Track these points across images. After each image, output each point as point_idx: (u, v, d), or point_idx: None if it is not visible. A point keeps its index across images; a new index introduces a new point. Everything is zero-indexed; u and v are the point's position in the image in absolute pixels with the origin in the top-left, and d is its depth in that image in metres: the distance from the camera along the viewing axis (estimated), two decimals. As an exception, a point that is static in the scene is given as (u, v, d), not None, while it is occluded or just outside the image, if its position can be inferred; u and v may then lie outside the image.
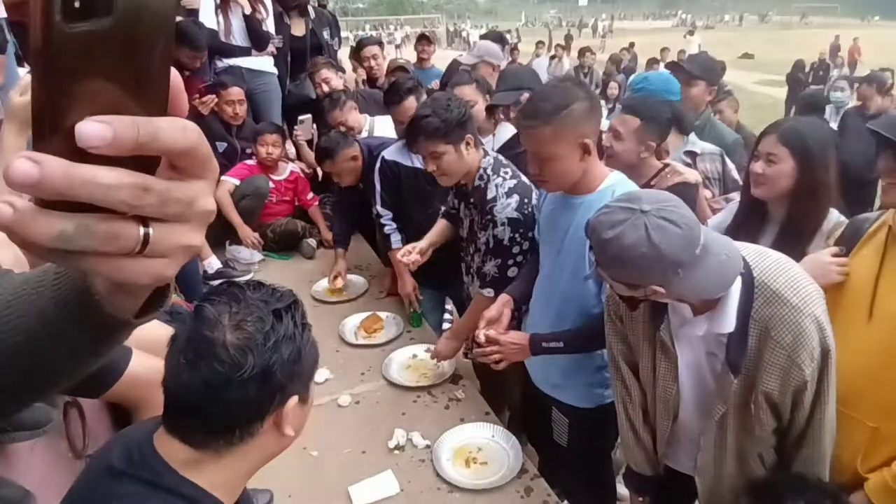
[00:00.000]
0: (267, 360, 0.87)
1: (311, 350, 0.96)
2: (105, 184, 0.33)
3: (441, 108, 2.05)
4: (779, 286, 1.27)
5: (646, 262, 1.19)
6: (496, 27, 37.18)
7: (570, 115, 1.58)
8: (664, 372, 1.50)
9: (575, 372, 1.90)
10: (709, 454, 1.50)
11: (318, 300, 3.03)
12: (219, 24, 3.86)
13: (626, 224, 1.20)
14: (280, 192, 3.66)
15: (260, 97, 4.12)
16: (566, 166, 1.65)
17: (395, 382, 2.30)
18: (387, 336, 2.64)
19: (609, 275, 1.31)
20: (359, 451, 1.97)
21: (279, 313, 0.91)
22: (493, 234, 2.07)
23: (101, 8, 0.31)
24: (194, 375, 0.87)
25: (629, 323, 1.55)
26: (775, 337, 1.26)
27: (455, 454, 1.92)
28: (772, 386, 1.29)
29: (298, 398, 0.94)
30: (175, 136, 0.35)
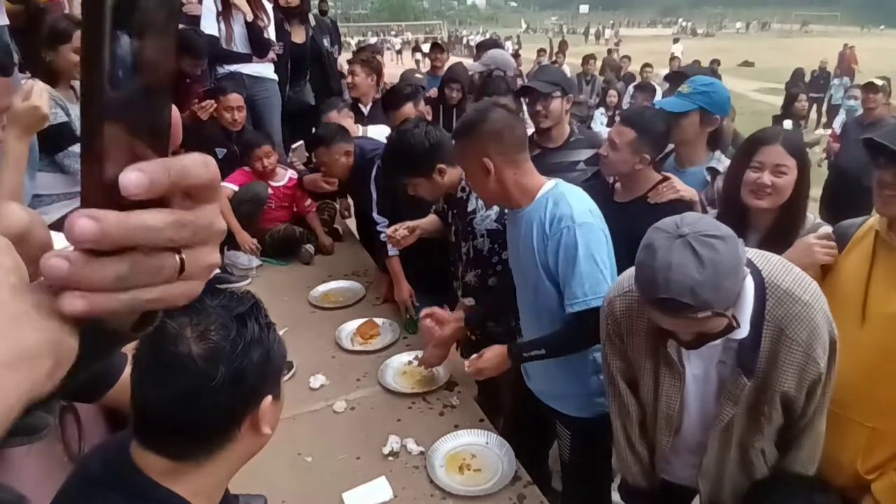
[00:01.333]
0: (238, 367, 0.87)
1: (279, 348, 0.96)
2: (153, 226, 0.37)
3: (405, 146, 2.15)
4: (788, 285, 1.29)
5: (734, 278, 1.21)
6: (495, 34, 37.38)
7: (472, 134, 1.70)
8: (668, 388, 1.50)
9: (573, 384, 1.92)
10: (712, 457, 1.51)
11: (314, 306, 3.04)
12: (220, 30, 3.89)
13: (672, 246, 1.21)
14: (279, 198, 3.67)
15: (260, 103, 4.15)
16: (476, 181, 1.78)
17: (391, 388, 2.31)
18: (383, 342, 2.65)
19: (717, 305, 1.21)
20: (353, 458, 1.97)
21: (242, 318, 0.90)
22: (472, 245, 2.14)
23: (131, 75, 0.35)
24: (164, 392, 0.86)
25: (630, 340, 1.54)
26: (790, 335, 1.27)
27: (449, 461, 1.93)
28: (789, 385, 1.31)
29: (272, 397, 0.93)
30: (200, 172, 0.39)
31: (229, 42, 3.96)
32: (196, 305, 0.88)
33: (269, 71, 4.18)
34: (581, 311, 1.70)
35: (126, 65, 0.35)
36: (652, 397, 1.56)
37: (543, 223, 1.71)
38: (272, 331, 0.95)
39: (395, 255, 2.88)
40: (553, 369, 1.94)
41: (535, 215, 1.73)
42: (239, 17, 3.92)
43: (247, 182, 3.56)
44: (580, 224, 1.66)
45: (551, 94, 2.57)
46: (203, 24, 3.84)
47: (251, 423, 0.92)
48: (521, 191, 1.76)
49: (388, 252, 2.88)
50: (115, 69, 0.34)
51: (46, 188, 2.41)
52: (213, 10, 3.89)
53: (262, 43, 4.00)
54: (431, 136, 2.17)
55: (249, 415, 0.91)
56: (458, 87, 4.23)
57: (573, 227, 1.66)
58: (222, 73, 4.02)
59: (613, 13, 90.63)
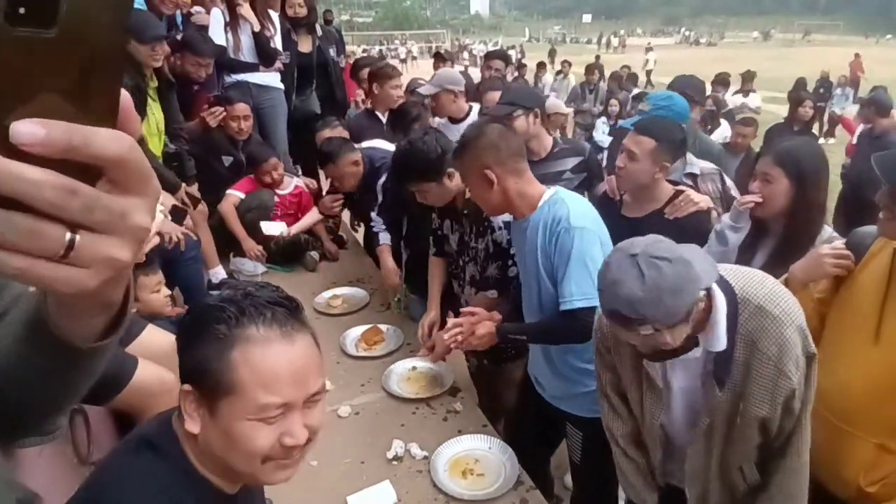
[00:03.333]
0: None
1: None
2: (31, 179, 0.34)
3: (418, 153, 2.22)
4: (760, 300, 1.32)
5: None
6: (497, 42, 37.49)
7: (471, 150, 1.80)
8: (650, 404, 1.53)
9: (579, 384, 1.96)
10: (697, 463, 1.52)
11: (320, 312, 3.06)
12: (228, 41, 3.95)
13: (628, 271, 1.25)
14: (284, 205, 3.71)
15: (266, 112, 4.20)
16: (478, 194, 1.88)
17: (395, 394, 2.33)
18: (387, 348, 2.67)
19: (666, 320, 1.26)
20: (357, 462, 2.00)
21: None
22: (491, 238, 2.23)
23: (44, 17, 0.33)
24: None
25: (617, 354, 1.58)
26: (762, 349, 1.30)
27: (452, 465, 1.95)
28: (762, 407, 1.33)
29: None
30: (107, 145, 0.36)
31: (237, 52, 4.01)
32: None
33: (275, 80, 4.23)
34: (567, 309, 1.77)
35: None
36: (640, 411, 1.60)
37: (546, 226, 1.79)
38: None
39: (384, 244, 2.99)
40: (562, 370, 1.98)
41: (539, 221, 1.82)
42: (246, 27, 3.97)
43: (253, 190, 3.61)
44: (576, 227, 1.74)
45: (511, 115, 2.61)
46: (211, 34, 3.89)
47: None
48: (523, 200, 1.84)
49: (378, 241, 2.97)
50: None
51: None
52: (221, 20, 3.95)
53: (269, 52, 4.06)
54: (441, 142, 2.26)
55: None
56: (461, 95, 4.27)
57: (570, 229, 1.74)
58: (229, 81, 4.07)
59: (616, 22, 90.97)
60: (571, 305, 1.75)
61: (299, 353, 0.92)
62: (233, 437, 0.89)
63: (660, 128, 2.13)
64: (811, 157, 1.88)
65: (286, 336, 0.91)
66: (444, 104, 3.47)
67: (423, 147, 2.21)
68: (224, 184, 3.62)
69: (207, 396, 0.90)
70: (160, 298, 2.30)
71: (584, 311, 1.74)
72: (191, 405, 0.92)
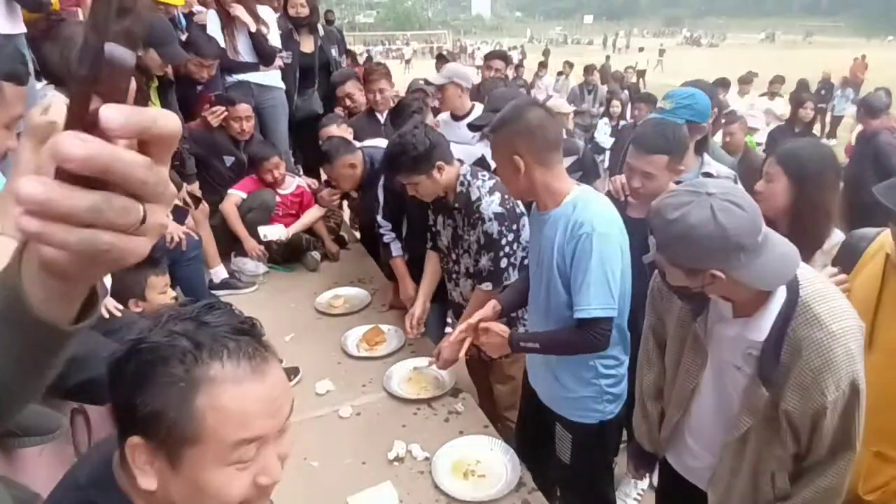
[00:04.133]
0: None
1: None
2: (131, 161, 0.38)
3: (408, 145, 2.25)
4: (821, 311, 1.27)
5: (711, 242, 1.21)
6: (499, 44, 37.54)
7: (504, 132, 1.75)
8: (689, 364, 1.53)
9: (573, 387, 1.94)
10: (726, 465, 1.51)
11: (321, 312, 3.06)
12: (225, 42, 3.94)
13: (692, 205, 1.23)
14: (286, 205, 3.71)
15: (267, 111, 4.19)
16: (505, 175, 1.84)
17: (396, 394, 2.33)
18: (388, 349, 2.67)
19: (670, 257, 1.30)
20: (359, 462, 1.99)
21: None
22: (483, 230, 2.25)
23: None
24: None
25: (668, 304, 1.57)
26: (805, 358, 1.26)
27: (454, 466, 1.94)
28: (792, 404, 1.31)
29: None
30: (167, 122, 0.40)
31: (234, 53, 4.01)
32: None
33: (276, 80, 4.23)
34: (582, 318, 1.73)
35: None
36: (673, 365, 1.59)
37: (567, 226, 1.74)
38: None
39: (398, 256, 2.95)
40: (556, 372, 1.96)
41: (560, 218, 1.77)
42: (243, 27, 3.96)
43: (255, 190, 3.61)
44: (599, 233, 1.68)
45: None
46: None
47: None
48: (548, 193, 1.79)
49: (392, 253, 2.93)
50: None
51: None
52: (217, 22, 3.93)
53: (267, 51, 4.05)
54: (430, 136, 2.29)
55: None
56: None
57: (592, 234, 1.68)
58: (231, 81, 4.07)
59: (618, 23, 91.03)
60: (589, 314, 1.71)
61: (271, 386, 0.80)
62: (202, 488, 0.77)
63: (664, 139, 2.08)
64: (814, 157, 1.86)
65: (257, 371, 0.78)
66: (449, 97, 3.49)
67: (413, 140, 2.25)
68: (226, 183, 3.62)
69: (166, 447, 0.76)
70: (166, 300, 2.33)
71: (600, 320, 1.72)
72: (142, 458, 0.77)
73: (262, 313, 3.04)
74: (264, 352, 0.81)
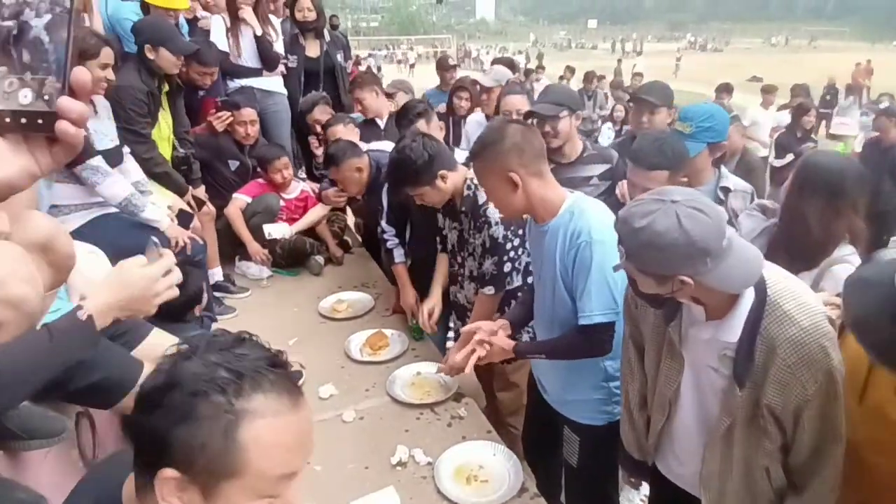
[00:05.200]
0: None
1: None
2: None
3: (407, 159, 2.26)
4: (790, 307, 1.30)
5: (677, 248, 1.22)
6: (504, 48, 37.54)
7: (493, 152, 1.75)
8: (667, 370, 1.54)
9: (585, 389, 1.95)
10: (714, 466, 1.51)
11: (324, 317, 3.07)
12: (229, 46, 3.96)
13: (658, 213, 1.25)
14: (290, 209, 3.73)
15: (270, 116, 4.21)
16: (499, 197, 1.81)
17: (399, 399, 2.33)
18: (392, 353, 2.67)
19: (639, 265, 1.32)
20: (361, 467, 1.99)
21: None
22: (488, 234, 2.26)
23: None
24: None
25: (643, 310, 1.59)
26: (780, 355, 1.29)
27: (456, 471, 1.95)
28: (774, 399, 1.32)
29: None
30: None
31: (238, 57, 4.03)
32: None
33: (279, 85, 4.25)
34: (585, 324, 1.75)
35: None
36: (654, 371, 1.60)
37: (566, 235, 1.76)
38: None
39: (400, 262, 2.95)
40: (564, 375, 1.97)
41: (559, 228, 1.78)
42: (247, 32, 3.99)
43: (259, 194, 3.62)
44: (597, 241, 1.70)
45: (558, 115, 2.61)
46: (212, 40, 3.91)
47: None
48: (544, 204, 1.80)
49: (394, 259, 2.94)
50: None
51: (65, 198, 2.47)
52: (223, 27, 3.97)
53: (271, 56, 4.07)
54: (429, 147, 2.28)
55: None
56: (467, 97, 4.29)
57: (590, 242, 1.70)
58: (233, 87, 4.09)
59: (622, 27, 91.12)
60: (591, 320, 1.73)
61: (306, 419, 0.81)
62: None
63: (662, 155, 2.06)
64: (820, 168, 1.82)
65: (294, 405, 0.78)
66: (494, 99, 3.64)
67: (411, 154, 2.26)
68: (230, 188, 3.64)
69: (202, 480, 0.74)
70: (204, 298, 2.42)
71: (603, 325, 1.73)
72: (172, 490, 0.74)
73: (266, 317, 3.08)
74: (296, 386, 0.81)
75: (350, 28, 63.70)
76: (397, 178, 2.36)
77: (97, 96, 2.57)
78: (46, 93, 0.51)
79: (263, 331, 0.89)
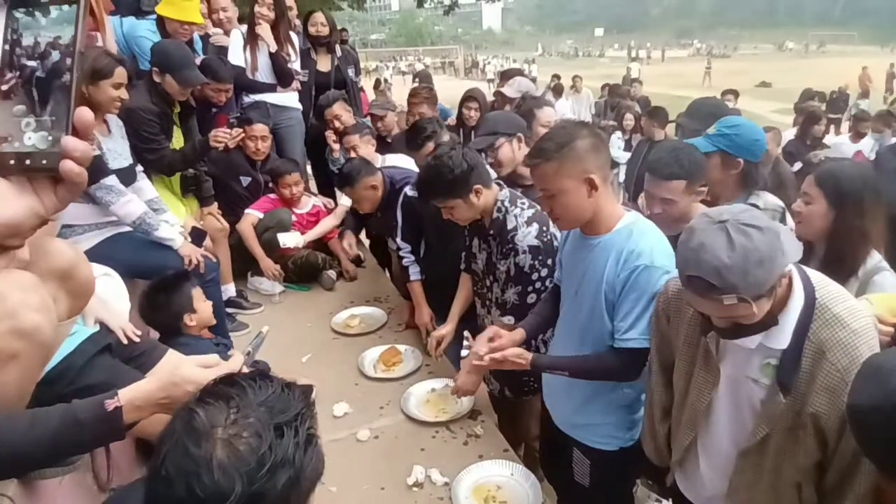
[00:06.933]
0: (258, 488, 0.75)
1: (312, 471, 0.82)
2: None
3: (444, 168, 2.14)
4: (839, 310, 1.28)
5: (775, 258, 1.21)
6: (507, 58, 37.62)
7: (571, 152, 1.64)
8: (701, 382, 1.50)
9: (599, 413, 1.90)
10: (744, 477, 1.47)
11: (337, 332, 3.06)
12: (246, 60, 3.99)
13: (736, 233, 1.22)
14: (302, 224, 3.73)
15: (284, 131, 4.23)
16: (573, 201, 1.68)
17: (414, 417, 2.31)
18: (405, 369, 2.65)
19: (751, 290, 1.23)
20: (377, 488, 1.97)
21: (281, 428, 0.79)
22: (514, 262, 2.14)
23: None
24: (169, 494, 0.75)
25: (675, 322, 1.55)
26: (830, 359, 1.26)
27: (474, 492, 1.91)
28: (821, 407, 1.28)
29: None
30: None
31: (254, 72, 4.06)
32: (239, 398, 0.80)
33: (293, 100, 4.27)
34: (625, 347, 1.69)
35: None
36: (684, 385, 1.56)
37: (621, 254, 1.68)
38: (312, 447, 0.83)
39: (416, 280, 2.90)
40: (578, 397, 1.92)
41: (612, 245, 1.70)
42: (264, 47, 4.02)
43: (271, 209, 3.63)
44: (657, 267, 1.64)
45: (493, 145, 2.57)
46: (231, 54, 3.95)
47: None
48: (601, 216, 1.72)
49: (409, 276, 2.90)
50: None
51: (78, 218, 2.47)
52: (241, 41, 4.01)
53: (286, 73, 4.10)
54: (469, 158, 2.18)
55: None
56: (476, 107, 4.28)
57: (650, 267, 1.64)
58: (248, 102, 4.11)
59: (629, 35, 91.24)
60: (632, 344, 1.68)
61: None
62: None
63: (678, 165, 2.02)
64: (854, 180, 1.80)
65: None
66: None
67: (450, 162, 2.14)
68: (242, 204, 3.65)
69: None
70: (208, 308, 2.39)
71: (641, 351, 1.69)
72: None
73: (278, 333, 3.06)
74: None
75: (358, 41, 64.18)
76: (430, 186, 2.23)
77: (111, 115, 2.58)
78: (51, 133, 0.51)
79: (276, 347, 0.91)
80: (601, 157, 1.68)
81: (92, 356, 1.61)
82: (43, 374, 1.44)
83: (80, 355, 1.59)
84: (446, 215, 2.26)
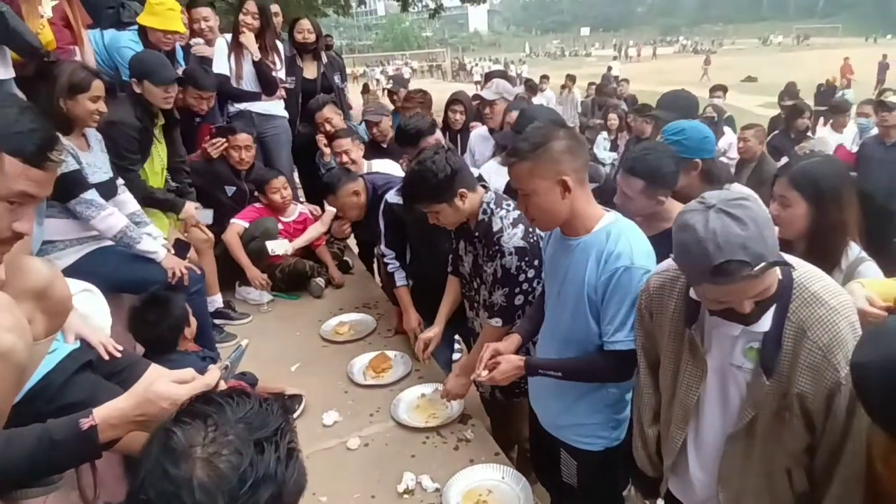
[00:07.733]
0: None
1: (295, 484, 0.81)
2: None
3: (429, 173, 2.11)
4: (817, 289, 1.30)
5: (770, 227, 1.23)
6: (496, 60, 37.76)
7: (546, 153, 1.63)
8: (688, 376, 1.49)
9: (584, 414, 1.90)
10: (734, 463, 1.47)
11: (326, 340, 3.04)
12: (231, 69, 3.98)
13: (737, 208, 1.23)
14: (289, 232, 3.71)
15: (269, 140, 4.21)
16: (546, 202, 1.67)
17: (404, 423, 2.30)
18: (395, 376, 2.64)
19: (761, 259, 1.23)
20: (368, 496, 1.96)
21: (261, 444, 0.78)
22: (500, 263, 2.12)
23: None
24: None
25: (658, 318, 1.55)
26: (811, 337, 1.27)
27: (465, 497, 1.91)
28: (806, 387, 1.29)
29: None
30: None
31: (238, 80, 4.04)
32: (216, 417, 0.79)
33: (278, 109, 4.26)
34: (616, 350, 1.69)
35: None
36: (671, 382, 1.55)
37: (601, 255, 1.67)
38: (294, 461, 0.82)
39: (402, 286, 2.90)
40: (564, 398, 1.91)
41: (592, 247, 1.70)
42: (248, 56, 4.01)
43: (257, 218, 3.61)
44: (637, 267, 1.64)
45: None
46: (215, 63, 3.93)
47: None
48: (580, 217, 1.72)
49: (395, 282, 2.90)
50: None
51: (58, 234, 2.44)
52: (226, 49, 3.99)
53: (270, 81, 4.08)
54: (452, 162, 2.15)
55: None
56: (462, 110, 4.28)
57: (631, 268, 1.64)
58: (233, 111, 4.10)
59: (614, 34, 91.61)
60: (622, 346, 1.68)
61: None
62: None
63: (644, 164, 2.03)
64: (830, 177, 1.80)
65: None
66: (499, 112, 3.62)
67: (433, 167, 2.12)
68: (227, 214, 3.63)
69: None
70: (194, 322, 2.42)
71: (632, 352, 1.69)
72: None
73: (267, 343, 3.06)
74: None
75: (345, 46, 64.14)
76: (415, 191, 2.21)
77: (90, 129, 2.56)
78: None
79: (265, 357, 0.90)
80: (578, 160, 1.67)
81: (72, 374, 1.59)
82: (23, 393, 1.43)
83: (61, 373, 1.57)
84: (432, 220, 2.24)
